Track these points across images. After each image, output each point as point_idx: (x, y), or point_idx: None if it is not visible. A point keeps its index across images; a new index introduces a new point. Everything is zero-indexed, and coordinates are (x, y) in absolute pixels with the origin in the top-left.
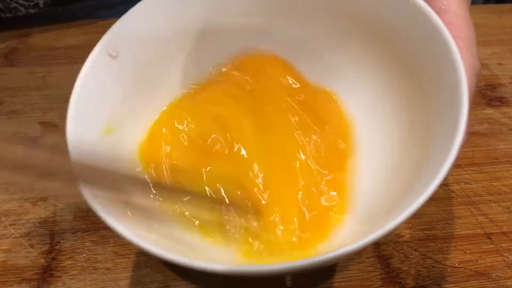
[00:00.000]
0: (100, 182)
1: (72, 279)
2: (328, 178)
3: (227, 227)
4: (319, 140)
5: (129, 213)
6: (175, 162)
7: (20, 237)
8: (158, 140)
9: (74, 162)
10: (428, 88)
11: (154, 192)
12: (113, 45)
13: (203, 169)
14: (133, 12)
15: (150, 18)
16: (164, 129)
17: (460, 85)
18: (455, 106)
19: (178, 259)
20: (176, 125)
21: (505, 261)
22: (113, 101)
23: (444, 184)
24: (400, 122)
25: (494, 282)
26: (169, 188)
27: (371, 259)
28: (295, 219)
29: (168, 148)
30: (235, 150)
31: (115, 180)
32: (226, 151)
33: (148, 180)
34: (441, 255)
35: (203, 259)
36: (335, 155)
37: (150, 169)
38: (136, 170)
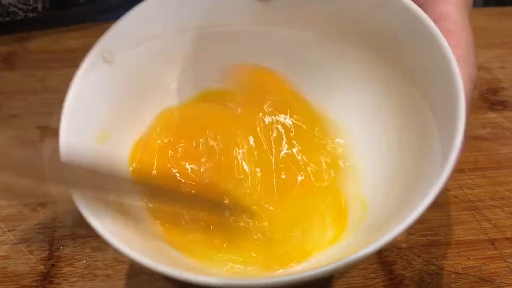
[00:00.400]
0: (92, 186)
1: (72, 286)
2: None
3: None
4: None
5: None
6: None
7: (19, 243)
8: (150, 149)
9: (66, 168)
10: (426, 98)
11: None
12: (108, 49)
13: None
14: (129, 17)
15: (146, 23)
16: (154, 135)
17: (458, 101)
18: (452, 122)
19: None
20: (165, 135)
21: (509, 267)
22: (108, 108)
23: (446, 189)
24: (398, 134)
25: None
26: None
27: (374, 266)
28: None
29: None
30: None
31: (106, 184)
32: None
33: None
34: (444, 261)
35: (197, 273)
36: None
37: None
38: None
